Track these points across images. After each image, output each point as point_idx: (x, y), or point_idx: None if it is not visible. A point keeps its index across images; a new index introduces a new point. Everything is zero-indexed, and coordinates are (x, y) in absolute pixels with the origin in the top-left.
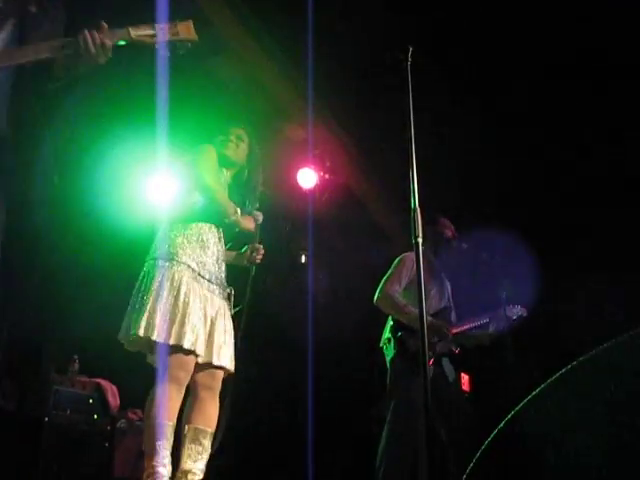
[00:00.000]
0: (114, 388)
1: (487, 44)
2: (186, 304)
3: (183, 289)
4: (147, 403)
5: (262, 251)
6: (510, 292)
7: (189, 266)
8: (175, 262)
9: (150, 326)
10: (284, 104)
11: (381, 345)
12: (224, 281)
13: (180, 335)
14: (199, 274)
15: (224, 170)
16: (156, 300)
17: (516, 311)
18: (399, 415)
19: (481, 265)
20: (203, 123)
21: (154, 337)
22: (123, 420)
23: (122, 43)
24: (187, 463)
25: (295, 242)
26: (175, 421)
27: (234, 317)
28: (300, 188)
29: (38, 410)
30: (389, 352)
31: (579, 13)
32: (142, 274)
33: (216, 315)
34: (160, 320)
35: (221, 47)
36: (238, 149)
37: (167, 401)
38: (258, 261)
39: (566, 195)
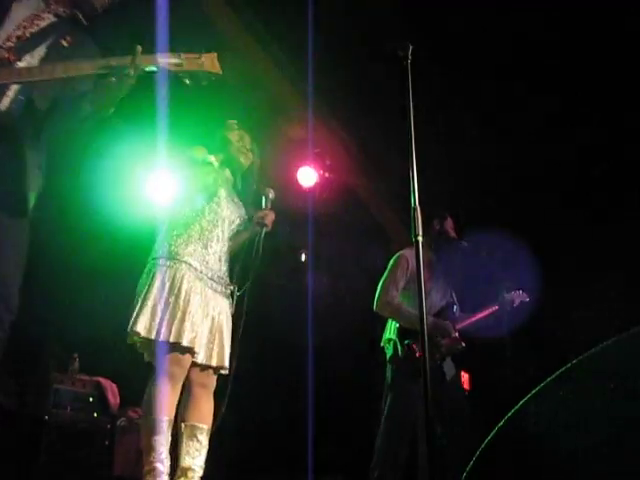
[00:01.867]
0: (114, 386)
1: (488, 40)
2: (187, 302)
3: (184, 287)
4: (144, 400)
5: (272, 216)
6: (510, 286)
7: (191, 265)
8: (177, 261)
9: (151, 327)
10: (284, 102)
11: (382, 345)
12: (227, 279)
13: (180, 332)
14: (201, 272)
15: (226, 170)
16: (157, 300)
17: (517, 297)
18: (396, 412)
19: (481, 264)
20: (203, 120)
21: (153, 336)
22: (123, 418)
23: (151, 69)
24: (186, 460)
25: (295, 241)
26: (172, 417)
27: (237, 309)
28: (300, 187)
29: (38, 408)
30: (389, 352)
31: (580, 12)
32: (144, 273)
33: (217, 314)
34: (160, 320)
35: (221, 45)
36: (247, 155)
37: (162, 397)
38: (268, 224)
39: (567, 194)
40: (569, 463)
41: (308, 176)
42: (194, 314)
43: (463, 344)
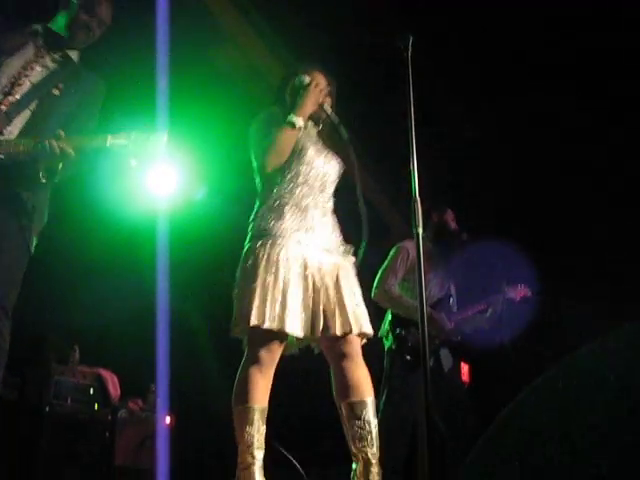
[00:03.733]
0: (115, 378)
1: (487, 40)
2: (275, 282)
3: (282, 265)
4: (235, 387)
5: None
6: (510, 282)
7: (290, 237)
8: (272, 237)
9: (246, 314)
10: None
11: (380, 336)
12: (338, 241)
13: (262, 315)
14: (303, 242)
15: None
16: (250, 285)
17: (519, 291)
18: (393, 404)
19: (482, 257)
20: (204, 112)
21: (247, 323)
22: (124, 410)
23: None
24: (356, 444)
25: None
26: (265, 404)
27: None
28: None
29: (39, 400)
30: (387, 343)
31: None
32: (241, 260)
33: (325, 281)
34: (253, 304)
35: (221, 37)
36: (326, 99)
37: (250, 384)
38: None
39: (568, 196)
40: (569, 456)
41: None
42: (293, 293)
43: (458, 337)
